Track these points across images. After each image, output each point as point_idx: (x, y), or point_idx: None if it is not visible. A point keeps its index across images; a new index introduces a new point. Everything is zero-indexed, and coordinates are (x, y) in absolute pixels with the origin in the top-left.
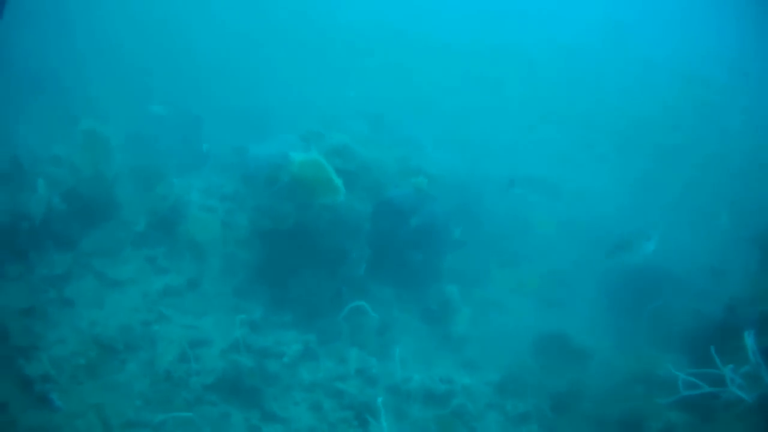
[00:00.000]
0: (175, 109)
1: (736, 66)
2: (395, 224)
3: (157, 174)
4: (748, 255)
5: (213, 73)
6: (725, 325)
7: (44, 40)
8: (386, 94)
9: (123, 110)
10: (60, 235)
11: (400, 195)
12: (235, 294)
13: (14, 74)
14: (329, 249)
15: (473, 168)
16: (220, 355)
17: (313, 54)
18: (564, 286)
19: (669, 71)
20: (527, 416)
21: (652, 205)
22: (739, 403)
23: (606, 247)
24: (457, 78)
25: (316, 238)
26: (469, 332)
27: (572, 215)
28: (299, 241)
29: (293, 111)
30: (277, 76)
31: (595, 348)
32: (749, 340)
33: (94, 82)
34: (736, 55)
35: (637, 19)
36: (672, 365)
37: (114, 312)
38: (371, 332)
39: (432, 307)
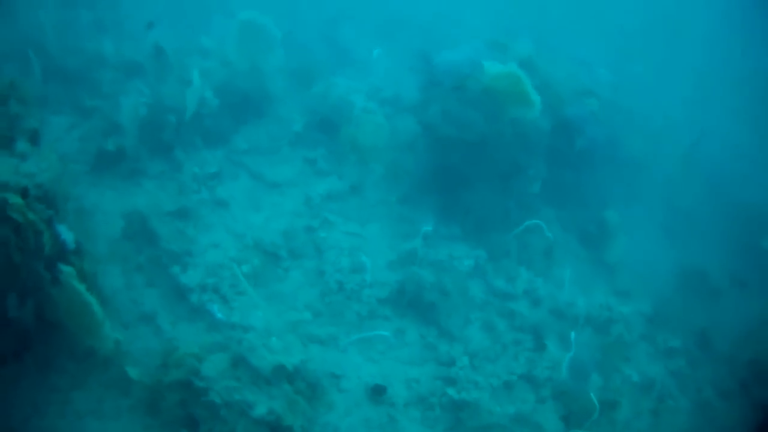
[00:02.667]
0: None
1: None
2: (567, 144)
3: (313, 72)
4: None
5: None
6: None
7: None
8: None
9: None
10: (211, 130)
11: (577, 115)
12: (400, 202)
13: None
14: (506, 163)
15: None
16: (390, 266)
17: None
18: (690, 219)
19: None
20: (675, 351)
21: None
22: None
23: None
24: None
25: (496, 150)
26: (621, 259)
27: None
28: (477, 152)
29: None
30: None
31: (728, 287)
32: None
33: None
34: None
35: None
36: None
37: (274, 215)
38: (538, 251)
39: (591, 231)
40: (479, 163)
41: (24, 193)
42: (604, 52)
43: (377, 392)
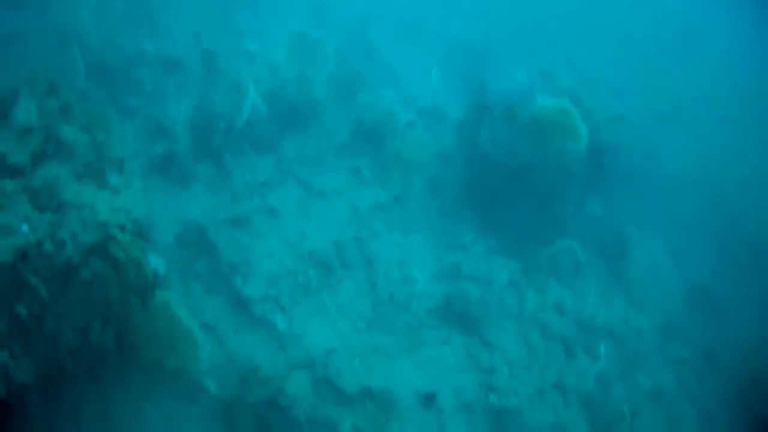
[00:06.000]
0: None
1: None
2: (597, 167)
3: (356, 81)
4: None
5: None
6: None
7: None
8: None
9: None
10: (260, 137)
11: (610, 142)
12: (440, 214)
13: None
14: (545, 186)
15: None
16: (435, 278)
17: None
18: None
19: None
20: (683, 361)
21: None
22: None
23: None
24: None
25: (538, 175)
26: (637, 273)
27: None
28: (520, 176)
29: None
30: None
31: (734, 305)
32: None
33: None
34: None
35: None
36: None
37: (323, 225)
38: (566, 266)
39: (612, 247)
40: (520, 185)
41: (122, 230)
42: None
43: (428, 399)
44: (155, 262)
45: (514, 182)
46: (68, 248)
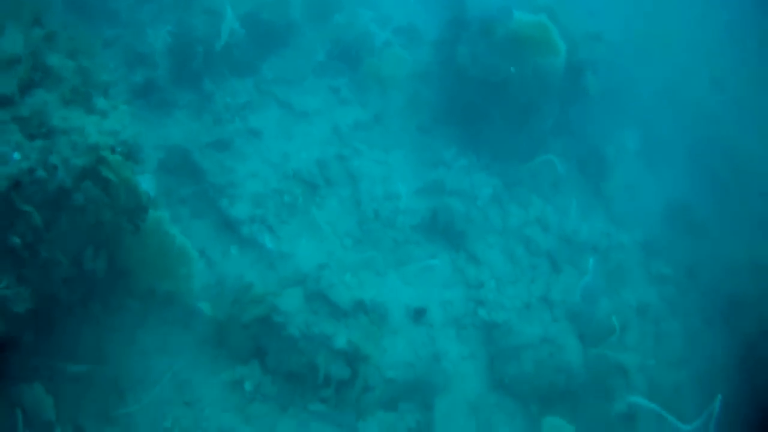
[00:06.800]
0: None
1: None
2: (574, 84)
3: (335, 2)
4: None
5: None
6: None
7: None
8: None
9: None
10: (239, 60)
11: (587, 59)
12: (420, 131)
13: None
14: (524, 101)
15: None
16: (418, 193)
17: None
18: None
19: None
20: (666, 278)
21: None
22: None
23: None
24: None
25: (516, 91)
26: (616, 189)
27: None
28: (499, 92)
29: None
30: None
31: (713, 222)
32: None
33: None
34: None
35: None
36: None
37: (305, 145)
38: (546, 181)
39: (591, 163)
40: (499, 101)
41: (112, 151)
42: None
43: (419, 314)
44: (145, 184)
45: (493, 98)
46: (60, 173)
